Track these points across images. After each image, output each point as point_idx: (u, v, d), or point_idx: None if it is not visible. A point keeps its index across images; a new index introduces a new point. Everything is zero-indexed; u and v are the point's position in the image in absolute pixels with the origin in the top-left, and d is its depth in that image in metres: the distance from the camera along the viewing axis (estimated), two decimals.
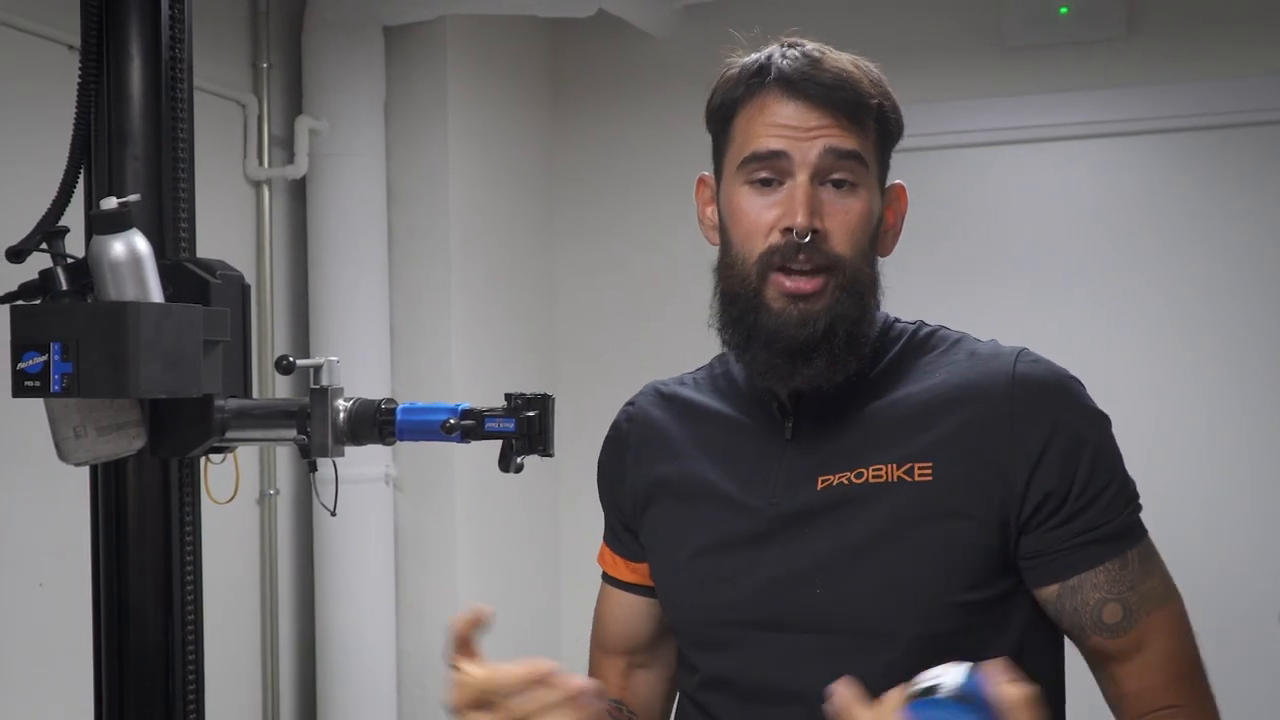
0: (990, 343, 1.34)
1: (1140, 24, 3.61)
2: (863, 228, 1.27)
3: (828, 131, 1.25)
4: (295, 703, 3.47)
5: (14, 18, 2.61)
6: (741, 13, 3.71)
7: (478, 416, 1.24)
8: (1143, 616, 1.24)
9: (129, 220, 1.23)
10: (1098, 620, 1.24)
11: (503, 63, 3.84)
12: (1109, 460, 1.26)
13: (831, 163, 1.25)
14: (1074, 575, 1.24)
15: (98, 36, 1.43)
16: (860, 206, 1.27)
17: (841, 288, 1.25)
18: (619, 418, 1.47)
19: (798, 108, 1.25)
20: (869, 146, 1.28)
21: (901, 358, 1.32)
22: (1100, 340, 3.64)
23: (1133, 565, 1.24)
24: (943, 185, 3.77)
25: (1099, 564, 1.23)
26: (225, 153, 3.26)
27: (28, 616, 2.62)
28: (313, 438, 1.30)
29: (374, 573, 3.42)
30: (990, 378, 1.27)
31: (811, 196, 1.24)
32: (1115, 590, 1.24)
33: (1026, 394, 1.25)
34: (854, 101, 1.26)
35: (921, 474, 1.24)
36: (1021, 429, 1.24)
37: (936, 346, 1.33)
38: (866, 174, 1.27)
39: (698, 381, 1.44)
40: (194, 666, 1.54)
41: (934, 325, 1.37)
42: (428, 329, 3.54)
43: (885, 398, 1.30)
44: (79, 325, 1.19)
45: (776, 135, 1.25)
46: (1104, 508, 1.24)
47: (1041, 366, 1.28)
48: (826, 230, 1.25)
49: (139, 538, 1.47)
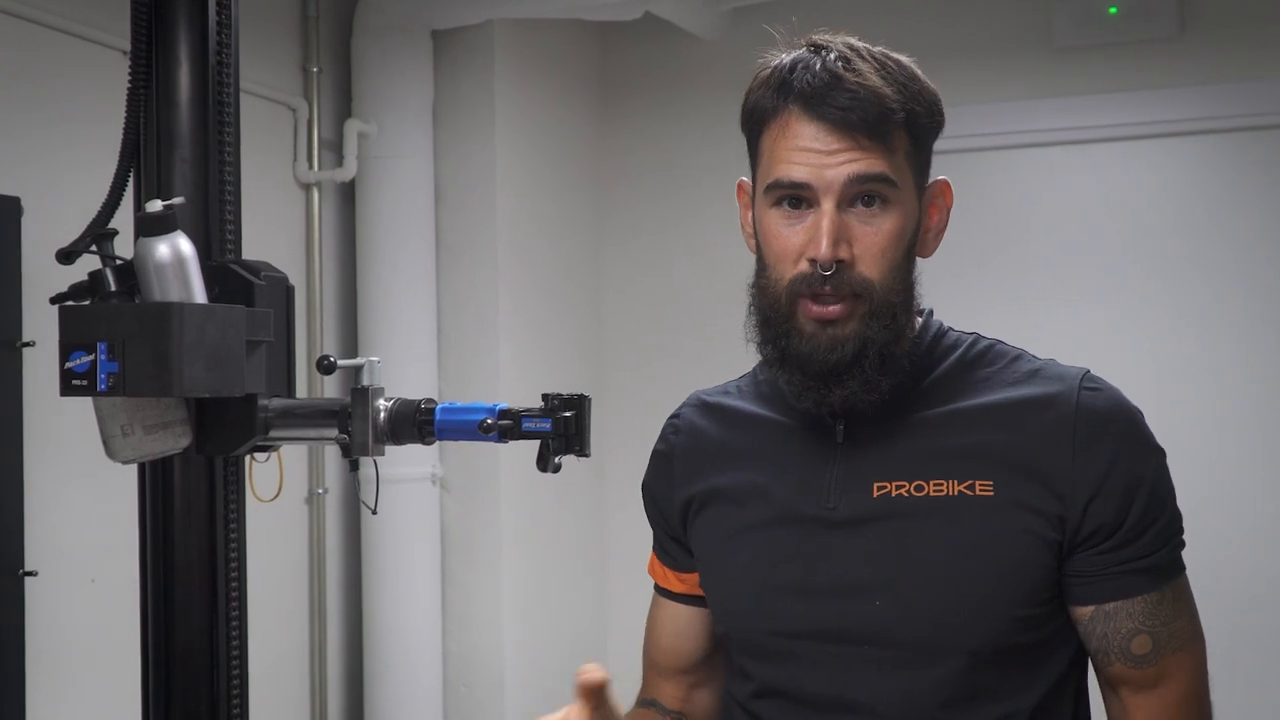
0: (1049, 361, 1.33)
1: (1191, 23, 3.57)
2: (895, 246, 1.25)
3: (851, 155, 1.23)
4: (343, 699, 3.51)
5: (71, 24, 2.66)
6: (789, 14, 3.72)
7: (515, 416, 1.24)
8: (1169, 653, 1.26)
9: (173, 222, 1.25)
10: (1125, 649, 1.25)
11: (550, 66, 3.86)
12: (1162, 496, 1.27)
13: (857, 188, 1.24)
14: (1111, 602, 1.25)
15: (147, 42, 1.45)
16: (890, 225, 1.25)
17: (871, 314, 1.24)
18: (664, 431, 1.46)
19: (819, 130, 1.24)
20: (898, 159, 1.25)
21: (956, 369, 1.31)
22: (1156, 342, 3.61)
23: (1168, 601, 1.26)
24: (992, 186, 3.75)
25: (1137, 595, 1.25)
26: (276, 156, 3.30)
27: (80, 612, 2.66)
28: (354, 437, 1.31)
29: (420, 572, 3.45)
30: (1054, 400, 1.26)
31: (836, 226, 1.23)
32: (1148, 623, 1.25)
33: (1090, 422, 1.25)
34: (876, 118, 1.23)
35: (983, 490, 1.24)
36: (1083, 457, 1.24)
37: (994, 361, 1.32)
38: (896, 190, 1.25)
39: (741, 389, 1.43)
40: (238, 662, 1.57)
41: (991, 339, 1.36)
42: (475, 330, 3.56)
43: (940, 408, 1.29)
44: (124, 326, 1.21)
45: (799, 163, 1.24)
46: (1150, 540, 1.25)
47: (1104, 395, 1.28)
48: (854, 256, 1.24)
49: (185, 534, 1.49)
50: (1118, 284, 3.67)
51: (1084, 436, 1.24)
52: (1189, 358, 3.61)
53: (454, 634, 3.56)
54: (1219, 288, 3.59)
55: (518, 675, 3.59)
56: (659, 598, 1.48)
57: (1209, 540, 3.50)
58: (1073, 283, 3.70)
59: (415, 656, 3.43)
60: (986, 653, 1.23)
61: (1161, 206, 3.65)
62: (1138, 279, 3.65)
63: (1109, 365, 1.45)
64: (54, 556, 2.57)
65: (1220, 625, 1.43)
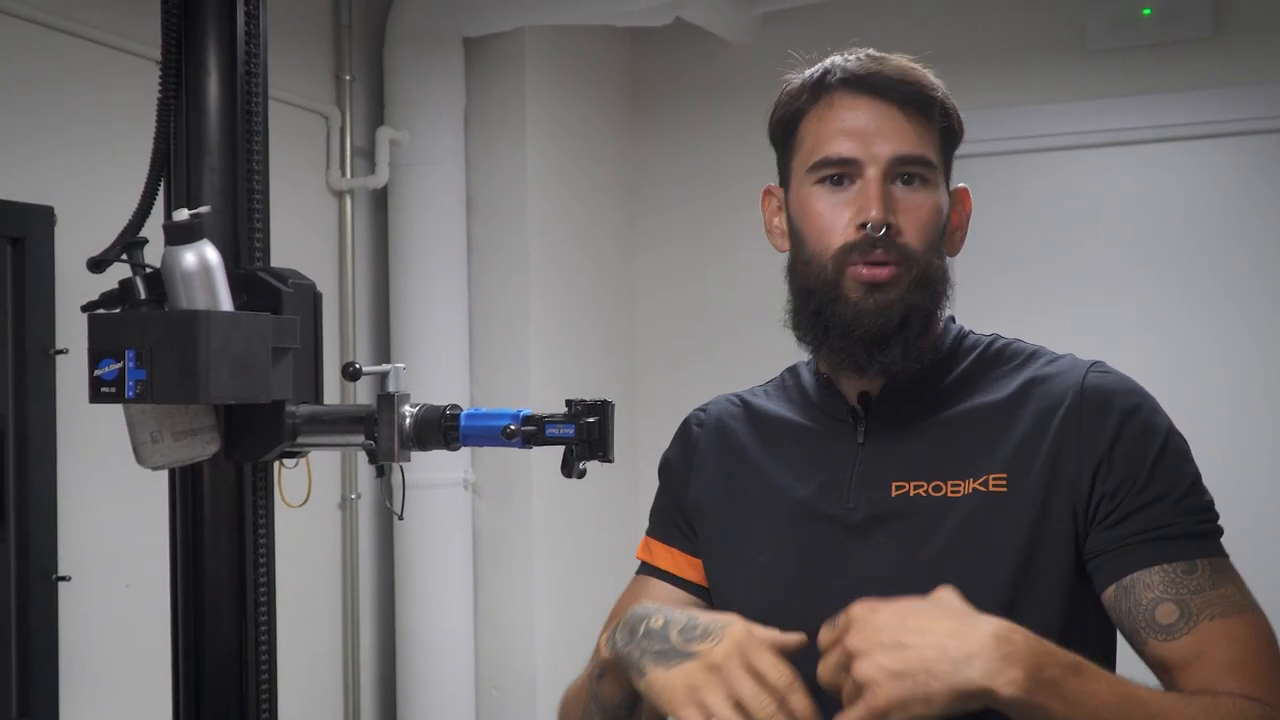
0: (1066, 356, 1.33)
1: (1226, 24, 3.54)
2: (934, 222, 1.29)
3: (896, 131, 1.27)
4: (376, 702, 3.52)
5: (103, 34, 2.69)
6: (821, 19, 3.73)
7: (539, 422, 1.25)
8: (1204, 620, 1.16)
9: (200, 231, 1.26)
10: (1151, 620, 1.18)
11: (581, 72, 3.87)
12: (1173, 466, 1.23)
13: (900, 167, 1.28)
14: (1127, 575, 1.20)
15: (177, 52, 1.47)
16: (931, 202, 1.29)
17: (914, 281, 1.27)
18: (689, 420, 1.48)
19: (864, 106, 1.28)
20: (935, 145, 1.30)
21: (975, 369, 1.33)
22: (1196, 345, 3.58)
23: (1201, 573, 1.19)
24: (1027, 189, 3.73)
25: (1154, 564, 1.19)
26: (308, 163, 3.32)
27: (113, 616, 2.68)
28: (379, 443, 1.32)
29: (453, 576, 3.46)
30: (1062, 389, 1.27)
31: (885, 192, 1.26)
32: (1172, 591, 1.18)
33: (1094, 402, 1.25)
34: (920, 95, 1.28)
35: (996, 485, 1.25)
36: (1088, 436, 1.23)
37: (1011, 359, 1.33)
38: (935, 171, 1.29)
39: (769, 392, 1.45)
40: (267, 666, 1.58)
41: (1009, 338, 1.37)
42: (507, 337, 3.57)
43: (958, 407, 1.30)
44: (151, 333, 1.22)
45: (845, 138, 1.28)
46: (1165, 511, 1.21)
47: (1112, 377, 1.28)
48: (899, 225, 1.27)
49: (214, 540, 1.50)
50: (1155, 287, 3.64)
51: (1089, 416, 1.24)
52: (1230, 362, 3.57)
53: (486, 637, 3.57)
54: (1260, 289, 3.56)
55: (549, 678, 3.59)
56: (646, 577, 1.46)
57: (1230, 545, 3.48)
58: (1109, 286, 3.67)
59: (447, 660, 3.44)
60: None
61: (1199, 208, 3.62)
62: (1176, 281, 3.62)
63: (1147, 367, 1.44)
64: (87, 561, 2.60)
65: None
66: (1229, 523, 1.26)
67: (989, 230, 3.85)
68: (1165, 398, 1.30)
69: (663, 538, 1.47)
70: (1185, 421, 1.31)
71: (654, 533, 1.49)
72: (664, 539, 1.46)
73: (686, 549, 1.44)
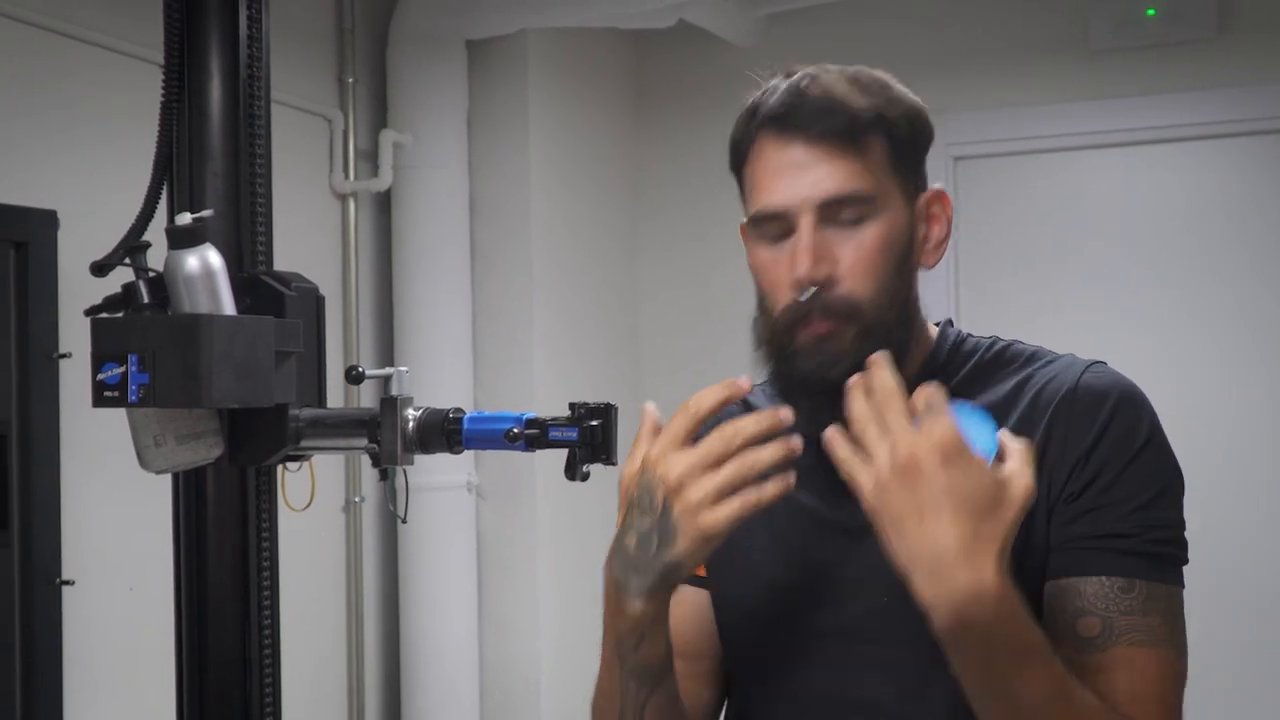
0: (1066, 355, 1.32)
1: (1230, 24, 3.53)
2: (882, 257, 1.24)
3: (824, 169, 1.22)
4: (380, 705, 3.52)
5: (105, 38, 2.69)
6: (824, 20, 3.73)
7: (542, 426, 1.25)
8: (1124, 644, 1.15)
9: (202, 235, 1.26)
10: (1071, 629, 1.17)
11: (584, 74, 3.87)
12: (1144, 474, 1.20)
13: (834, 208, 1.23)
14: (1065, 576, 1.19)
15: (179, 56, 1.47)
16: (875, 235, 1.23)
17: (861, 335, 1.23)
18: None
19: (789, 148, 1.23)
20: (875, 168, 1.23)
21: (975, 374, 1.31)
22: (1200, 347, 3.57)
23: (1137, 594, 1.16)
24: (1029, 190, 3.73)
25: (1092, 573, 1.17)
26: (311, 166, 3.32)
27: (117, 620, 2.68)
28: (383, 446, 1.32)
29: (457, 580, 3.46)
30: (1057, 385, 1.26)
31: (812, 246, 1.21)
32: (1101, 606, 1.16)
33: (1086, 399, 1.23)
34: (845, 125, 1.22)
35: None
36: (1075, 430, 1.22)
37: (1011, 361, 1.32)
38: (873, 204, 1.23)
39: (768, 393, 1.44)
40: (270, 669, 1.57)
41: (1007, 340, 1.35)
42: (510, 340, 3.57)
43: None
44: (154, 337, 1.22)
45: (774, 189, 1.24)
46: (1121, 517, 1.18)
47: (1107, 377, 1.26)
48: (839, 274, 1.23)
49: (218, 543, 1.50)
50: (1158, 287, 3.63)
51: (1079, 412, 1.22)
52: (1232, 361, 3.57)
53: (490, 641, 3.57)
54: (1263, 290, 3.55)
55: (554, 682, 3.59)
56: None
57: (1238, 550, 3.49)
58: (1111, 286, 3.66)
59: (452, 663, 3.44)
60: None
61: (1203, 208, 3.61)
62: (1179, 282, 3.62)
63: (1148, 367, 1.43)
64: (91, 565, 2.60)
65: (1236, 636, 1.38)
66: (1233, 524, 1.26)
67: (991, 230, 3.86)
68: (1165, 396, 1.29)
69: None
70: (1185, 419, 1.30)
71: None
72: None
73: None
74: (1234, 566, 3.27)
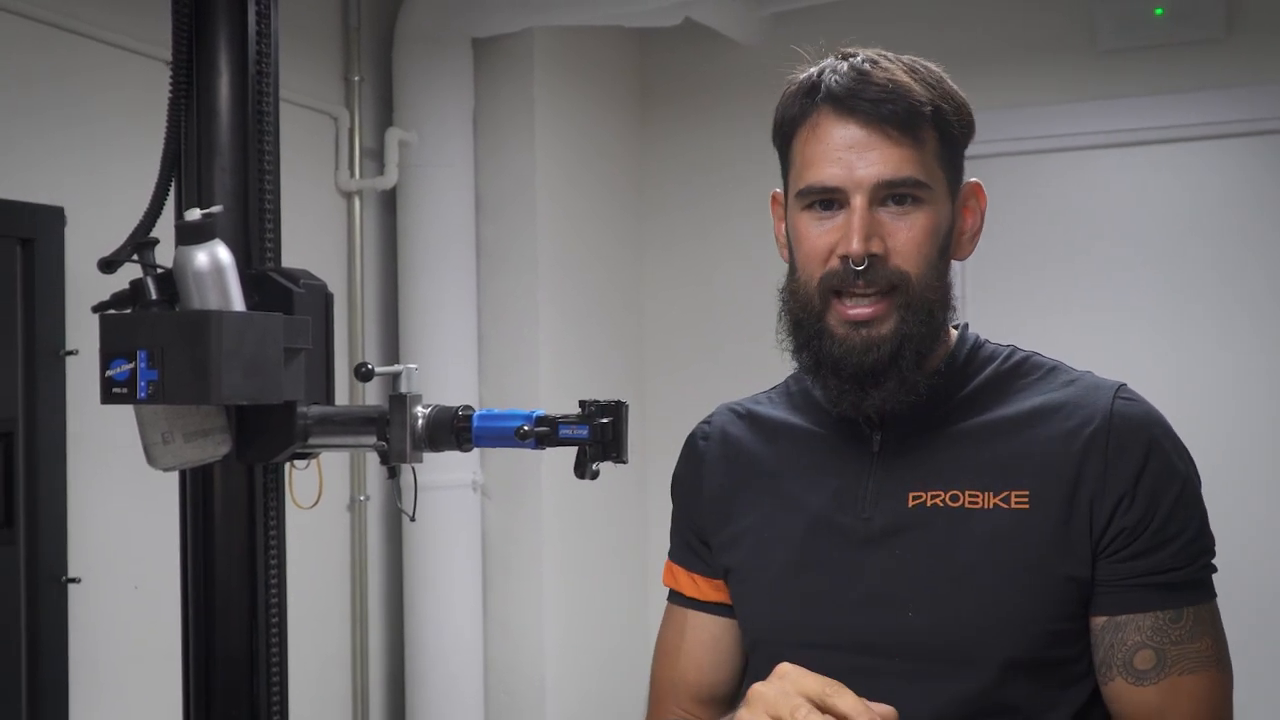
0: (1086, 373, 1.32)
1: (1238, 24, 3.52)
2: (929, 242, 1.25)
3: (881, 154, 1.23)
4: (384, 705, 3.52)
5: (112, 35, 2.69)
6: (830, 19, 3.72)
7: (552, 423, 1.24)
8: (1175, 673, 1.21)
9: (212, 231, 1.26)
10: (1128, 662, 1.21)
11: (590, 73, 3.86)
12: (1189, 508, 1.24)
13: (887, 191, 1.24)
14: (1122, 613, 1.22)
15: (187, 52, 1.47)
16: (924, 222, 1.25)
17: (907, 306, 1.24)
18: (694, 434, 1.46)
19: (848, 128, 1.24)
20: (928, 157, 1.26)
21: (992, 381, 1.31)
22: (1198, 346, 3.56)
23: (1185, 622, 1.22)
24: (1036, 190, 3.72)
25: (1149, 610, 1.22)
26: (317, 165, 3.32)
27: (123, 618, 2.68)
28: (391, 444, 1.32)
29: (461, 579, 3.46)
30: (1088, 412, 1.26)
31: (868, 222, 1.23)
32: (1155, 639, 1.22)
33: (1122, 432, 1.24)
34: (906, 113, 1.24)
35: (1019, 502, 1.23)
36: (1115, 466, 1.23)
37: (1030, 374, 1.32)
38: (928, 189, 1.25)
39: (773, 399, 1.43)
40: (278, 667, 1.57)
41: (1027, 351, 1.35)
42: (515, 338, 3.57)
43: (976, 419, 1.28)
44: (163, 334, 1.22)
45: (830, 164, 1.25)
46: (1173, 554, 1.22)
47: (1138, 406, 1.27)
48: (888, 250, 1.24)
49: (225, 541, 1.50)
50: (1165, 288, 3.63)
51: (1116, 445, 1.23)
52: (1240, 362, 3.56)
53: (495, 640, 3.56)
54: (1271, 290, 3.54)
55: (558, 682, 3.59)
56: (684, 610, 1.44)
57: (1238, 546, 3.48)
58: (1118, 287, 3.66)
59: (456, 663, 3.44)
60: (1016, 667, 1.22)
61: (1210, 209, 3.60)
62: (1186, 282, 3.61)
63: (1156, 367, 1.43)
64: (97, 563, 2.59)
65: (1249, 641, 1.40)
66: (1240, 525, 1.27)
67: (998, 231, 3.84)
68: (1173, 397, 1.29)
69: (683, 562, 1.45)
70: (1193, 422, 1.31)
71: (675, 556, 1.47)
72: (685, 564, 1.45)
73: (706, 572, 1.42)
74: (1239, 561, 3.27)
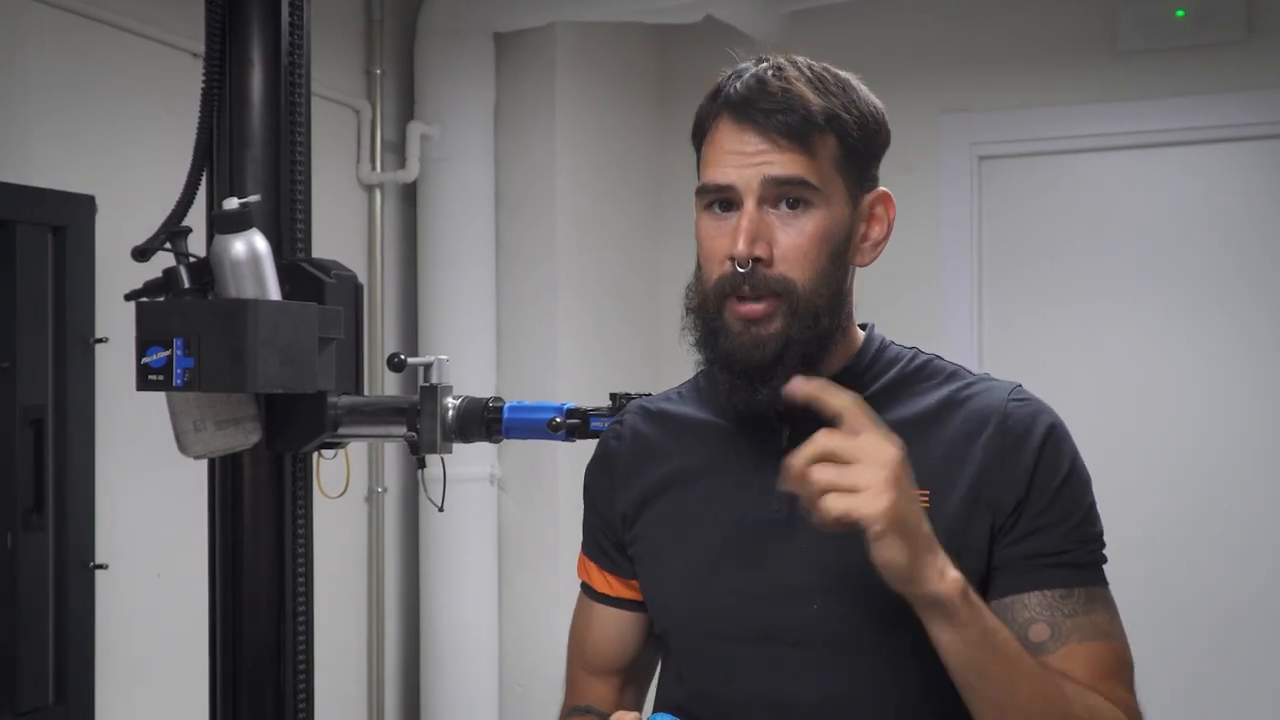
0: (984, 376, 1.37)
1: (1260, 26, 3.52)
2: (816, 247, 1.28)
3: (769, 157, 1.26)
4: (399, 697, 3.53)
5: (143, 26, 2.70)
6: (849, 18, 3.73)
7: (583, 415, 1.26)
8: (1071, 641, 1.24)
9: (249, 220, 1.27)
10: (1024, 638, 1.24)
11: (611, 68, 3.87)
12: (1074, 494, 1.29)
13: (775, 190, 1.27)
14: (1013, 594, 1.26)
15: (220, 44, 1.48)
16: (813, 226, 1.27)
17: (792, 311, 1.27)
18: (605, 437, 1.49)
19: (742, 134, 1.28)
20: (823, 165, 1.28)
21: (896, 382, 1.35)
22: (1218, 347, 3.56)
23: (1077, 599, 1.26)
24: (1056, 190, 3.72)
25: (1039, 589, 1.26)
26: (339, 157, 3.33)
27: (152, 605, 2.70)
28: (422, 435, 1.33)
29: (477, 571, 3.47)
30: (985, 414, 1.31)
31: (755, 223, 1.26)
32: (1048, 614, 1.26)
33: (1016, 431, 1.29)
34: (798, 124, 1.26)
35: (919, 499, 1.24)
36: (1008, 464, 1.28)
37: (932, 376, 1.36)
38: (817, 192, 1.28)
39: (683, 395, 1.47)
40: (304, 655, 1.58)
41: (929, 354, 1.39)
42: (534, 330, 3.58)
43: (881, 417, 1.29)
44: (201, 322, 1.23)
45: (724, 166, 1.28)
46: (1059, 537, 1.27)
47: (1030, 406, 1.32)
48: (775, 256, 1.27)
49: (254, 530, 1.51)
50: (1185, 290, 3.62)
51: (1011, 444, 1.28)
52: (1260, 364, 3.55)
53: (510, 634, 3.58)
54: None
55: None
56: (590, 600, 1.50)
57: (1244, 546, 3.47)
58: (1137, 288, 3.65)
59: (471, 656, 3.45)
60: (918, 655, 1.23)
61: (1230, 211, 3.60)
62: (1206, 284, 3.60)
63: (1177, 368, 1.43)
64: (124, 550, 2.61)
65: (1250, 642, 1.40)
66: (1246, 524, 1.28)
67: (1016, 230, 3.85)
68: (1193, 398, 1.30)
69: (596, 560, 1.49)
70: (1209, 422, 1.32)
71: (588, 552, 1.51)
72: (598, 562, 1.49)
73: (617, 572, 1.46)
74: (1245, 557, 3.27)
